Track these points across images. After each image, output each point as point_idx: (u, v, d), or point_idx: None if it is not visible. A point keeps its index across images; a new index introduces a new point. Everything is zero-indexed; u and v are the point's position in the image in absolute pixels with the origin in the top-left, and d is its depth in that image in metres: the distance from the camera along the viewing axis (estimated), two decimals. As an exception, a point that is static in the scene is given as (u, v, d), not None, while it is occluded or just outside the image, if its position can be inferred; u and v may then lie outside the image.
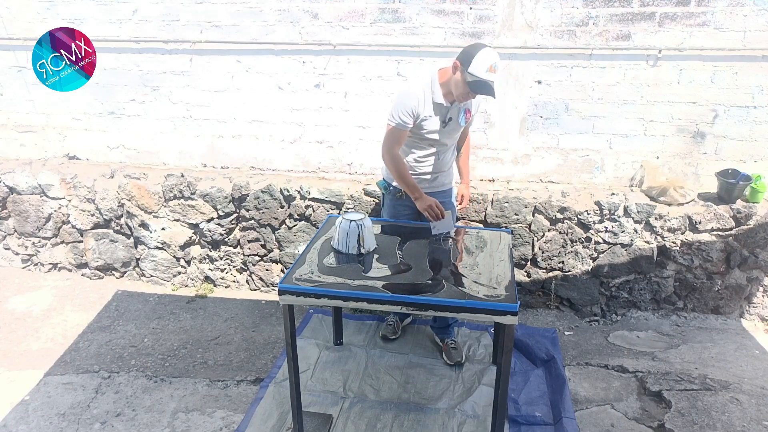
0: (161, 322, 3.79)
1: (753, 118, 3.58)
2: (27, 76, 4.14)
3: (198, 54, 3.94)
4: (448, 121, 2.92)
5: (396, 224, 3.13)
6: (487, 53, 2.66)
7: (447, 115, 2.90)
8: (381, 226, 3.08)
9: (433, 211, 2.89)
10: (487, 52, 2.66)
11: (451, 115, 2.92)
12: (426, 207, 2.90)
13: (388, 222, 3.17)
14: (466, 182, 3.31)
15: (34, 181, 4.18)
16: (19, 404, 3.02)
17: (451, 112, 2.91)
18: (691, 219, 3.57)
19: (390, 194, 3.16)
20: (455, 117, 2.94)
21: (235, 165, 4.24)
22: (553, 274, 3.82)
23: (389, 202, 3.21)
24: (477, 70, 2.65)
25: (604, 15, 3.47)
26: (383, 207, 3.30)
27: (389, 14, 3.64)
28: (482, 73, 2.65)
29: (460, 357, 3.26)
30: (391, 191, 3.14)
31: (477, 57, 2.65)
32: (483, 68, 2.65)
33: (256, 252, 4.09)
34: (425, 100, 2.84)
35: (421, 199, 2.93)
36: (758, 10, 3.34)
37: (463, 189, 3.29)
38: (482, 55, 2.65)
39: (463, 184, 3.31)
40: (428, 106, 2.85)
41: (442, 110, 2.89)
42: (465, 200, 3.29)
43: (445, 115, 2.90)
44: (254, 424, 2.84)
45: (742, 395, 2.95)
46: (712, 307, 3.77)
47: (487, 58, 2.65)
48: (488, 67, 2.65)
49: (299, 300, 2.40)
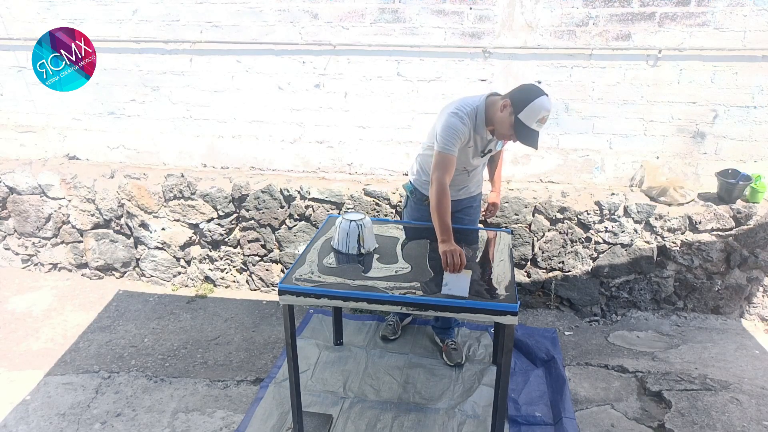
0: (161, 322, 3.79)
1: (753, 118, 3.58)
2: (27, 76, 4.14)
3: (198, 54, 3.94)
4: (488, 152, 2.87)
5: (396, 224, 3.13)
6: (543, 103, 2.50)
7: (487, 146, 2.85)
8: (382, 226, 3.08)
9: (452, 260, 2.45)
10: (543, 101, 2.50)
11: (491, 147, 2.86)
12: (449, 251, 2.47)
13: (389, 222, 3.17)
14: (497, 191, 3.25)
15: (34, 181, 4.19)
16: (20, 404, 3.02)
17: (491, 144, 2.84)
18: (691, 219, 3.57)
19: (415, 198, 3.10)
20: (494, 148, 2.88)
21: (235, 165, 4.24)
22: (553, 274, 3.82)
23: (413, 206, 3.14)
24: (528, 119, 2.51)
25: (604, 15, 3.47)
26: (405, 209, 3.24)
27: (389, 14, 3.64)
28: (532, 123, 2.52)
29: (460, 358, 3.26)
30: (417, 196, 3.07)
31: (532, 104, 2.49)
32: (534, 119, 2.51)
33: (256, 252, 4.09)
34: (470, 129, 2.72)
35: (448, 242, 2.54)
36: (758, 10, 3.34)
37: (494, 197, 3.23)
38: (538, 104, 2.49)
39: (494, 192, 3.25)
40: (472, 136, 2.75)
41: (484, 142, 2.82)
42: (494, 210, 3.24)
43: (485, 146, 2.84)
44: (254, 424, 2.84)
45: (742, 395, 2.95)
46: (712, 307, 3.77)
47: (542, 108, 2.50)
48: (541, 118, 2.51)
49: (299, 300, 2.40)
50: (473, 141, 2.78)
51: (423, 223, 3.13)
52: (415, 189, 3.09)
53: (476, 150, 2.84)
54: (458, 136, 2.68)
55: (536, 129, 2.55)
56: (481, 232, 3.09)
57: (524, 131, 2.55)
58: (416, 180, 3.07)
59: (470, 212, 3.15)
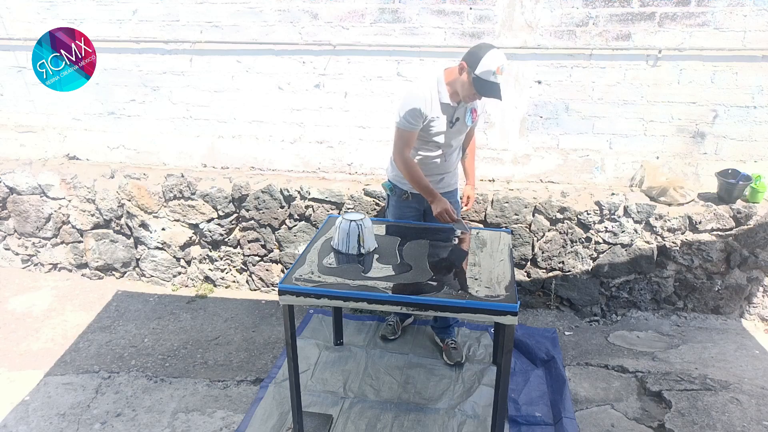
0: (161, 322, 3.79)
1: (753, 118, 3.58)
2: (27, 76, 4.14)
3: (198, 54, 3.94)
4: (455, 121, 2.91)
5: (396, 224, 3.13)
6: (495, 55, 2.63)
7: (454, 115, 2.89)
8: (381, 226, 3.08)
9: (444, 218, 2.89)
10: (494, 53, 2.63)
11: (458, 115, 2.91)
12: (440, 211, 2.89)
13: (389, 222, 3.17)
14: (472, 183, 3.30)
15: (34, 181, 4.19)
16: (19, 404, 3.02)
17: (458, 112, 2.89)
18: (691, 219, 3.57)
19: (395, 195, 3.15)
20: (462, 117, 2.92)
21: (235, 165, 4.24)
22: (553, 274, 3.82)
23: (395, 203, 3.19)
24: (484, 72, 2.63)
25: (604, 15, 3.47)
26: (388, 208, 3.28)
27: (389, 14, 3.64)
28: (489, 76, 2.63)
29: (460, 357, 3.26)
30: (397, 192, 3.13)
31: (484, 59, 2.62)
32: (490, 70, 2.63)
33: (256, 252, 4.09)
34: (432, 100, 2.81)
35: (437, 202, 2.90)
36: (758, 10, 3.34)
37: (469, 190, 3.27)
38: (490, 57, 2.62)
39: (469, 185, 3.29)
40: (435, 107, 2.83)
41: (449, 110, 2.87)
42: (470, 202, 3.27)
43: (452, 116, 2.89)
44: (254, 425, 2.84)
45: (742, 395, 2.95)
46: (712, 307, 3.77)
47: (495, 60, 2.62)
48: (495, 69, 2.62)
49: (299, 300, 2.40)
50: (438, 111, 2.84)
51: (423, 222, 3.14)
52: (394, 186, 3.14)
53: (443, 121, 2.88)
54: (417, 109, 2.77)
55: (495, 81, 2.66)
56: (481, 232, 3.09)
57: (484, 85, 2.67)
58: (394, 176, 3.13)
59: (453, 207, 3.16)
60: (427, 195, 2.92)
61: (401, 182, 3.08)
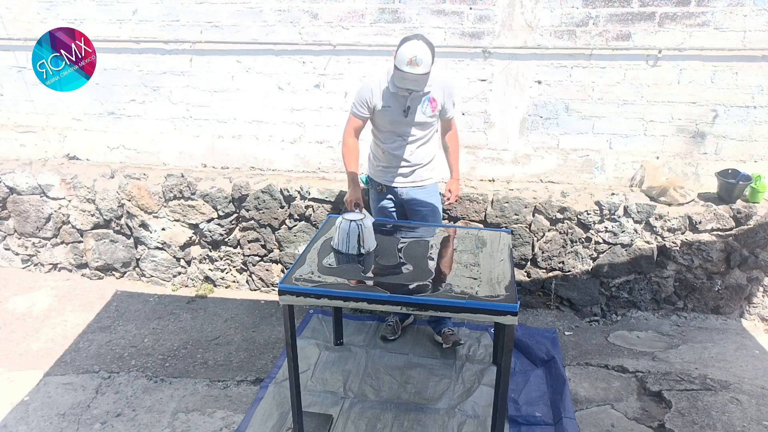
0: (161, 322, 3.79)
1: (753, 118, 3.58)
2: (27, 77, 4.14)
3: (198, 54, 3.94)
4: (407, 110, 2.93)
5: (396, 224, 3.13)
6: (411, 46, 2.67)
7: (406, 104, 2.92)
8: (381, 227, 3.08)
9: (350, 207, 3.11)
10: (411, 44, 2.67)
11: (410, 104, 2.93)
12: (349, 200, 3.12)
13: (389, 222, 3.17)
14: (456, 177, 3.30)
15: (34, 181, 4.19)
16: (19, 404, 3.02)
17: (409, 101, 2.91)
18: (691, 219, 3.57)
19: (372, 188, 3.25)
20: (414, 106, 2.94)
21: (235, 165, 4.24)
22: (553, 274, 3.82)
23: (373, 196, 3.29)
24: (399, 61, 2.69)
25: (604, 15, 3.47)
26: (371, 202, 3.36)
27: (389, 14, 3.64)
28: (403, 65, 2.67)
29: (457, 338, 3.31)
30: (373, 185, 3.22)
31: (401, 48, 2.69)
32: (403, 59, 2.67)
33: (256, 252, 4.09)
34: (380, 89, 2.89)
35: (351, 191, 3.12)
36: (758, 10, 3.34)
37: (452, 184, 3.28)
38: (406, 47, 2.68)
39: (453, 179, 3.30)
40: (385, 96, 2.90)
41: (399, 99, 2.91)
42: (453, 195, 3.26)
43: (403, 104, 2.92)
44: (254, 425, 2.84)
45: (742, 395, 2.95)
46: (712, 307, 3.77)
47: (408, 51, 2.66)
48: (408, 60, 2.66)
49: (299, 300, 2.40)
50: (389, 101, 2.91)
51: (423, 222, 3.14)
52: (370, 179, 3.25)
53: (396, 110, 2.93)
54: (363, 97, 2.94)
55: (407, 71, 2.68)
56: (481, 232, 3.09)
57: (398, 75, 2.73)
58: (369, 168, 3.25)
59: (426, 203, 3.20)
60: (348, 181, 3.13)
61: (375, 175, 3.20)
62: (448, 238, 2.98)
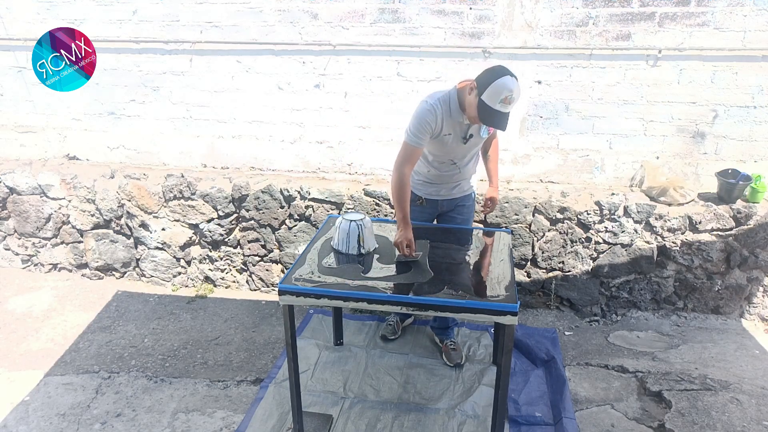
0: (161, 322, 3.79)
1: (753, 118, 3.58)
2: (27, 77, 4.14)
3: (198, 54, 3.94)
4: (469, 138, 2.80)
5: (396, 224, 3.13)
6: (505, 83, 2.45)
7: (468, 132, 2.78)
8: (381, 227, 3.08)
9: (402, 248, 2.69)
10: (505, 81, 2.45)
11: (472, 132, 2.79)
12: (401, 240, 2.70)
13: (389, 222, 3.17)
14: (495, 185, 3.16)
15: (34, 181, 4.19)
16: (19, 404, 3.02)
17: (471, 129, 2.78)
18: (691, 219, 3.57)
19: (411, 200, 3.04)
20: (476, 133, 2.81)
21: (235, 165, 4.24)
22: (553, 274, 3.82)
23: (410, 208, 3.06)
24: (490, 98, 2.47)
25: (604, 15, 3.47)
26: None
27: (389, 14, 3.64)
28: (495, 103, 2.47)
29: (460, 358, 3.26)
30: (412, 197, 3.02)
31: (494, 84, 2.45)
32: (496, 98, 2.46)
33: (256, 252, 4.09)
34: (443, 117, 2.69)
35: (403, 231, 2.72)
36: (758, 10, 3.34)
37: (492, 192, 3.14)
38: (499, 83, 2.45)
39: (492, 187, 3.16)
40: (447, 124, 2.71)
41: (462, 128, 2.76)
42: (493, 204, 3.14)
43: (465, 132, 2.78)
44: (254, 425, 2.84)
45: (742, 395, 2.95)
46: (712, 307, 3.77)
47: (503, 89, 2.45)
48: (503, 98, 2.46)
49: (299, 300, 2.40)
50: (450, 128, 2.74)
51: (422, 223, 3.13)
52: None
53: (456, 137, 2.78)
54: (426, 126, 2.68)
55: (500, 110, 2.49)
56: (480, 232, 3.09)
57: (487, 112, 2.51)
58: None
59: (463, 211, 3.13)
60: (399, 219, 2.75)
61: (415, 187, 3.03)
62: (448, 238, 2.98)
